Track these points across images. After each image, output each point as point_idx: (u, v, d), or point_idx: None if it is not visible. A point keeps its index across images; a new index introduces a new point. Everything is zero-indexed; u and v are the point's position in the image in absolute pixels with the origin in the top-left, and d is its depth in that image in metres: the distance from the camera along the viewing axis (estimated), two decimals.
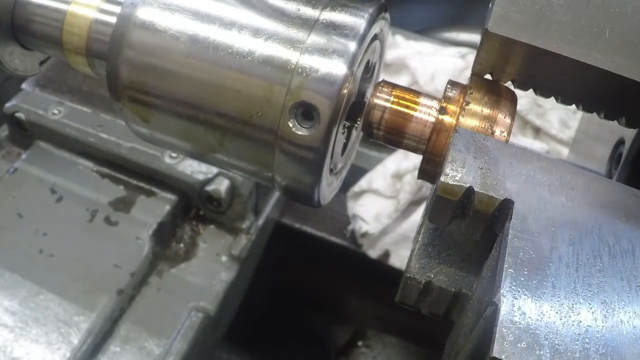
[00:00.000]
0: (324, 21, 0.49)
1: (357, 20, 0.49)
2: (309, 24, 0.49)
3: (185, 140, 0.54)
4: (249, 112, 0.49)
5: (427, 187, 0.63)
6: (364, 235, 1.20)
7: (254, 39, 0.49)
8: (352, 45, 0.48)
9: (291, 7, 0.50)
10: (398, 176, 1.24)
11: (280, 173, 0.51)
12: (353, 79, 0.49)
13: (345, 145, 0.57)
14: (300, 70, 0.48)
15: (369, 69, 0.54)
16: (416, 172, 0.56)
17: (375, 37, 0.53)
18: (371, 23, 0.50)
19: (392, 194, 1.23)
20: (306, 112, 0.48)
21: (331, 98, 0.47)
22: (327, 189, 0.54)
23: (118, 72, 0.51)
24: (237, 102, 0.49)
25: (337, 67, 0.47)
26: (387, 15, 0.54)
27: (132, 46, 0.51)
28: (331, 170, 0.53)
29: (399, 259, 1.20)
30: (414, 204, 1.23)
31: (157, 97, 0.51)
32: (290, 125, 0.48)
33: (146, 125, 0.54)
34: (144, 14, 0.51)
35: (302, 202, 0.54)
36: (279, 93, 0.48)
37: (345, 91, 0.48)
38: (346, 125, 0.54)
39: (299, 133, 0.48)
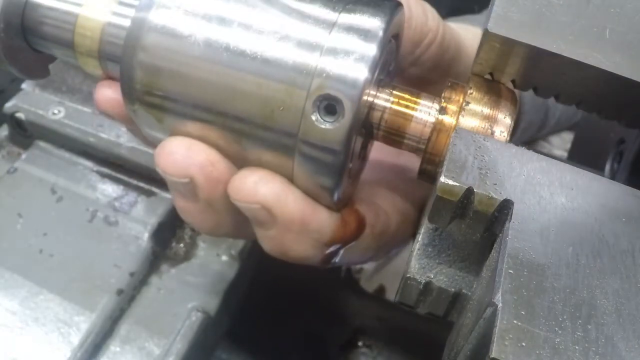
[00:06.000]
0: (344, 23, 0.49)
1: (376, 22, 0.49)
2: (329, 26, 0.49)
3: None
4: (270, 108, 0.49)
5: None
6: (359, 271, 1.23)
7: (272, 40, 0.49)
8: (372, 48, 0.48)
9: (310, 9, 0.50)
10: None
11: (301, 170, 0.51)
12: (372, 81, 0.48)
13: (359, 153, 0.57)
14: (320, 72, 0.47)
15: (385, 70, 0.54)
16: None
17: (393, 38, 0.53)
18: (389, 24, 0.49)
19: None
20: (329, 106, 0.48)
21: (353, 101, 0.47)
22: (345, 192, 0.54)
23: (132, 75, 0.51)
24: (255, 105, 0.49)
25: (357, 70, 0.47)
26: (404, 15, 0.54)
27: (147, 49, 0.50)
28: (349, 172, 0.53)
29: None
30: None
31: (171, 101, 0.51)
32: (314, 118, 0.48)
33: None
34: (159, 16, 0.50)
35: (321, 203, 0.54)
36: (298, 97, 0.48)
37: (365, 97, 0.48)
38: (362, 132, 0.54)
39: (322, 127, 0.48)
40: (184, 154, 0.52)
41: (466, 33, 0.65)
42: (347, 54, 0.47)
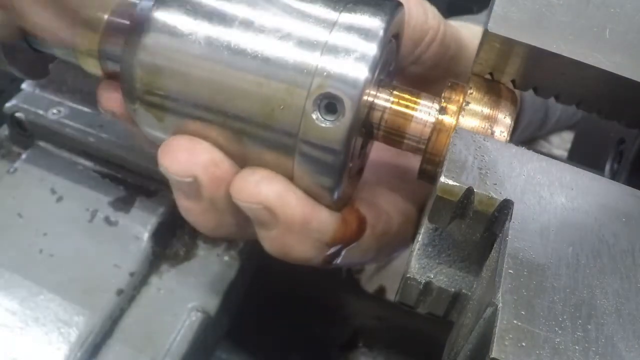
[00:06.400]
0: (344, 22, 0.49)
1: (377, 22, 0.49)
2: (329, 25, 0.49)
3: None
4: (271, 107, 0.49)
5: None
6: (360, 271, 1.24)
7: (273, 39, 0.49)
8: (373, 47, 0.48)
9: (311, 8, 0.50)
10: None
11: (301, 170, 0.51)
12: (373, 80, 0.48)
13: (360, 153, 0.57)
14: (320, 71, 0.47)
15: (385, 70, 0.54)
16: None
17: (393, 37, 0.53)
18: (390, 23, 0.49)
19: None
20: (330, 105, 0.48)
21: (353, 100, 0.47)
22: (345, 192, 0.54)
23: (132, 74, 0.51)
24: (256, 104, 0.49)
25: (358, 69, 0.47)
26: (405, 15, 0.54)
27: (147, 48, 0.50)
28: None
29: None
30: None
31: (172, 100, 0.51)
32: (314, 117, 0.48)
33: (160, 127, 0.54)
34: (160, 15, 0.50)
35: (321, 202, 0.54)
36: (299, 96, 0.48)
37: (366, 97, 0.48)
38: (362, 132, 0.54)
39: (323, 126, 0.48)
40: (188, 153, 0.52)
41: (467, 32, 0.65)
42: (347, 53, 0.47)
